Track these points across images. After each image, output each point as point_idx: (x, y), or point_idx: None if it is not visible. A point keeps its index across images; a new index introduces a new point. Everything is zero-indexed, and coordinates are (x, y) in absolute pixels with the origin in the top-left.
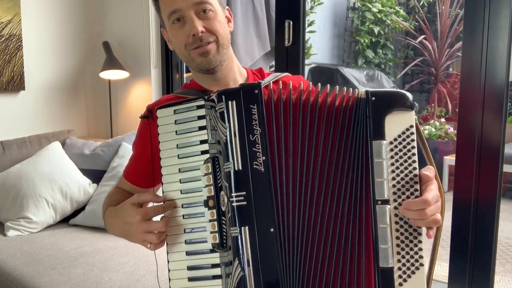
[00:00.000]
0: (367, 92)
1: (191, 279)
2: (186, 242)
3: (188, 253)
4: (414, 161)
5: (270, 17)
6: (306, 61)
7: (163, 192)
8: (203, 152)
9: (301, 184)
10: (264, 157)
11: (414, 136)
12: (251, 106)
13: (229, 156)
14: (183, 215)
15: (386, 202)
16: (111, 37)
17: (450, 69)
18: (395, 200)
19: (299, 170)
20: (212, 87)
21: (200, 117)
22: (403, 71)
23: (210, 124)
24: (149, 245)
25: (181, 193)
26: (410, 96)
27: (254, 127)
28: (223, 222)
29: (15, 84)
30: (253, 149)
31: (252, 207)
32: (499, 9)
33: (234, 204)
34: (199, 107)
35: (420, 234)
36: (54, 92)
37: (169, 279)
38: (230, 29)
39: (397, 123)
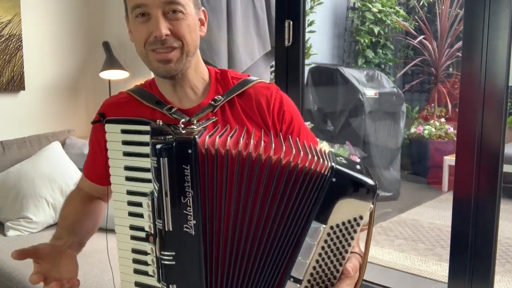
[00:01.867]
0: (332, 169)
1: None
2: (133, 261)
3: (135, 271)
4: (344, 255)
5: (271, 17)
6: (306, 61)
7: (114, 208)
8: (148, 181)
9: (232, 248)
10: (195, 221)
11: (358, 228)
12: (184, 166)
13: (161, 214)
14: (131, 236)
15: (298, 281)
16: (111, 37)
17: (450, 69)
18: (307, 283)
19: (231, 233)
20: (170, 93)
21: (147, 144)
22: (403, 71)
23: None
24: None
25: (128, 214)
26: (374, 188)
27: (187, 189)
28: (159, 263)
29: (15, 84)
30: (184, 212)
31: (180, 268)
32: (499, 9)
33: (164, 262)
34: (146, 132)
35: None
36: (54, 92)
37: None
38: (201, 33)
39: (346, 211)
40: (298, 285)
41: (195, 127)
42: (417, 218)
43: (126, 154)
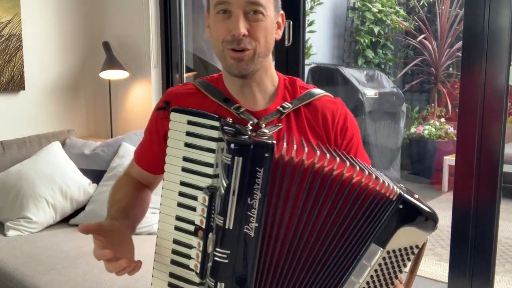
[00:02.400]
0: (400, 196)
1: (170, 284)
2: (172, 251)
3: (172, 262)
4: (396, 277)
5: None
6: (306, 61)
7: (161, 196)
8: (206, 175)
9: (287, 256)
10: (257, 224)
11: (412, 256)
12: (257, 168)
13: (223, 211)
14: (175, 226)
15: None
16: (111, 37)
17: (450, 69)
18: None
19: (290, 242)
20: (237, 93)
21: (212, 139)
22: (403, 71)
23: (219, 155)
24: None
25: (177, 205)
26: (436, 220)
27: (255, 192)
28: (206, 258)
29: (15, 84)
30: (248, 213)
31: (232, 267)
32: (499, 9)
33: (217, 258)
34: (213, 127)
35: None
36: (54, 92)
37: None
38: (277, 36)
39: (405, 238)
40: None
41: (266, 131)
42: None
43: (188, 145)
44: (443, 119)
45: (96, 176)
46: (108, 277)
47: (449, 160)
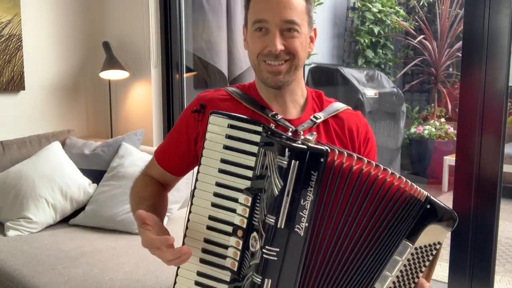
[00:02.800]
0: (427, 197)
1: (197, 283)
2: (202, 251)
3: (202, 261)
4: (421, 271)
5: None
6: (306, 61)
7: (192, 196)
8: (245, 177)
9: (331, 254)
10: (307, 224)
11: (435, 252)
12: (312, 172)
13: (275, 210)
14: (207, 226)
15: None
16: (111, 37)
17: (450, 69)
18: None
19: (334, 241)
20: (271, 101)
21: (253, 143)
22: (403, 71)
23: (262, 159)
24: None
25: (211, 205)
26: (456, 219)
27: (308, 193)
28: (246, 258)
29: (15, 84)
30: (300, 213)
31: (280, 264)
32: (499, 9)
33: (266, 256)
34: (255, 132)
35: None
36: (54, 92)
37: (175, 281)
38: (310, 50)
39: (431, 235)
40: None
41: (311, 138)
42: None
43: (227, 147)
44: (443, 119)
45: (96, 176)
46: (108, 277)
47: (449, 160)
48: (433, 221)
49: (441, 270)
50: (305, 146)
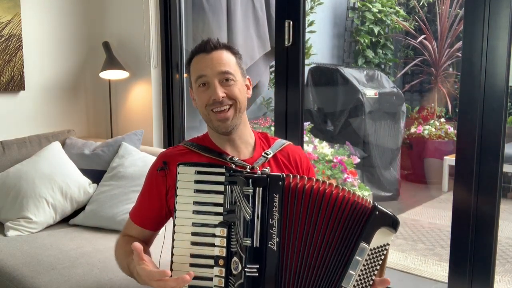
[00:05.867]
0: (374, 206)
1: None
2: (189, 287)
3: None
4: (376, 269)
5: (270, 17)
6: (306, 61)
7: (173, 240)
8: (217, 214)
9: (302, 261)
10: (278, 239)
11: (385, 252)
12: (274, 195)
13: (249, 233)
14: (190, 264)
15: None
16: (111, 37)
17: (450, 69)
18: None
19: (301, 249)
20: (225, 147)
21: (219, 183)
22: (403, 71)
23: (229, 195)
24: None
25: (191, 244)
26: (398, 222)
27: (274, 213)
28: (230, 282)
29: (15, 84)
30: (270, 231)
31: (262, 279)
32: (499, 9)
33: (248, 274)
34: (219, 174)
35: None
36: (54, 92)
37: None
38: (247, 95)
39: (381, 237)
40: None
41: (267, 170)
42: (417, 218)
43: (198, 191)
44: (443, 119)
45: (96, 176)
46: (108, 277)
47: (449, 160)
48: (382, 225)
49: (441, 270)
50: (265, 175)
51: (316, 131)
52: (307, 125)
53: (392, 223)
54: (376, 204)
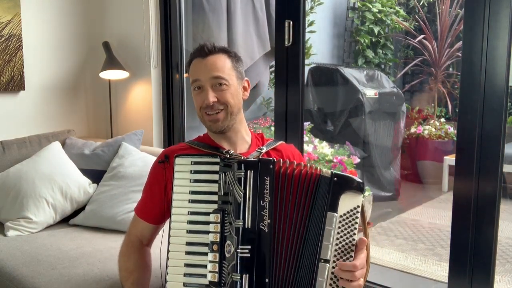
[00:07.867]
0: (332, 173)
1: None
2: (184, 275)
3: (185, 285)
4: (354, 233)
5: (270, 17)
6: (306, 61)
7: (170, 229)
8: (212, 202)
9: (292, 241)
10: (269, 220)
11: (359, 214)
12: (265, 177)
13: (241, 215)
14: (185, 251)
15: (327, 261)
16: (111, 37)
17: (450, 69)
18: (334, 261)
19: (292, 229)
20: (222, 143)
21: (214, 172)
22: (403, 71)
23: (223, 181)
24: None
25: (187, 232)
26: (362, 182)
27: (265, 195)
28: (224, 266)
29: (15, 84)
30: (262, 212)
31: (254, 259)
32: (499, 9)
33: (240, 255)
34: (214, 163)
35: None
36: (54, 92)
37: None
38: (244, 97)
39: (348, 202)
40: (328, 265)
41: (258, 153)
42: (417, 218)
43: (194, 180)
44: (443, 119)
45: (96, 176)
46: (108, 277)
47: (449, 160)
48: (344, 190)
49: (441, 270)
50: (256, 159)
51: (316, 131)
52: (307, 125)
53: (355, 186)
54: (334, 171)
